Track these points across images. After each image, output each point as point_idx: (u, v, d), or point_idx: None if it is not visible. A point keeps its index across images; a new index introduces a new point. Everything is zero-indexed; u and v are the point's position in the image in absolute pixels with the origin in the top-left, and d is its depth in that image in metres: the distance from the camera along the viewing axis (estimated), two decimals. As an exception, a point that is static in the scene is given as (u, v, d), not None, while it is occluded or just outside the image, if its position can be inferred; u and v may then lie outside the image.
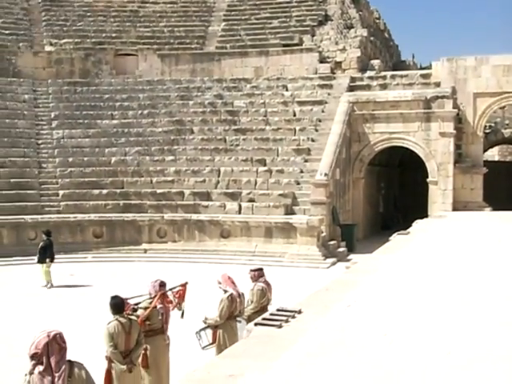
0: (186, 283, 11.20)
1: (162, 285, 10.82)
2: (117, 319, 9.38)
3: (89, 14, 43.72)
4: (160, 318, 10.56)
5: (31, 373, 6.21)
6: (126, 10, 44.27)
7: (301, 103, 35.55)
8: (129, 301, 10.35)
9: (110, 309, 9.60)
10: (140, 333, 9.68)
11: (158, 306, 10.52)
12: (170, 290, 10.97)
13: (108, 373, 9.28)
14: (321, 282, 14.93)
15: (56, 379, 6.10)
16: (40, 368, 6.14)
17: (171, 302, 10.90)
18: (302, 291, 16.19)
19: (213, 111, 36.62)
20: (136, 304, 10.43)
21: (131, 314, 10.03)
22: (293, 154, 32.83)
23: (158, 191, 32.17)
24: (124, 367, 9.31)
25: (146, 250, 29.84)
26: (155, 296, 10.52)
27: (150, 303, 10.44)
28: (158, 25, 43.12)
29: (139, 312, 10.28)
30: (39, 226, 28.52)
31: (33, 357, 6.17)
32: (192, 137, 35.17)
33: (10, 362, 13.40)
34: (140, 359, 10.00)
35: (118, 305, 9.61)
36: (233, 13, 43.78)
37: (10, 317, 18.06)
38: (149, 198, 32.02)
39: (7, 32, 41.32)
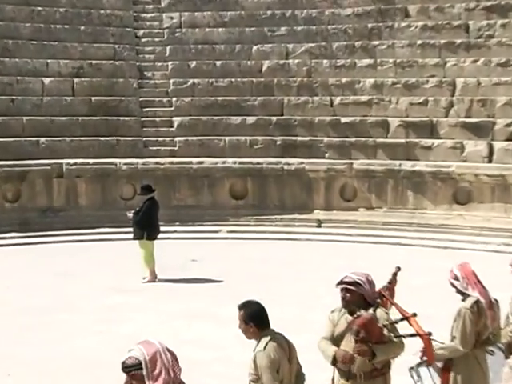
0: (398, 270, 7.94)
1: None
2: (270, 340, 6.82)
3: None
4: None
5: None
6: None
7: None
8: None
9: (251, 322, 6.86)
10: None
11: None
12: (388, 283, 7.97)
13: None
14: None
15: None
16: None
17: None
18: None
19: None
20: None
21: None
22: None
23: (343, 120, 25.64)
24: None
25: (319, 222, 24.42)
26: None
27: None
28: None
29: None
30: (138, 176, 24.14)
31: None
32: (406, 23, 26.52)
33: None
34: None
35: (261, 315, 6.90)
36: None
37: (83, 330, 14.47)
38: (326, 132, 25.68)
39: None
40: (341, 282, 7.11)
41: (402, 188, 23.57)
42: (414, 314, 7.36)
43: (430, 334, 7.84)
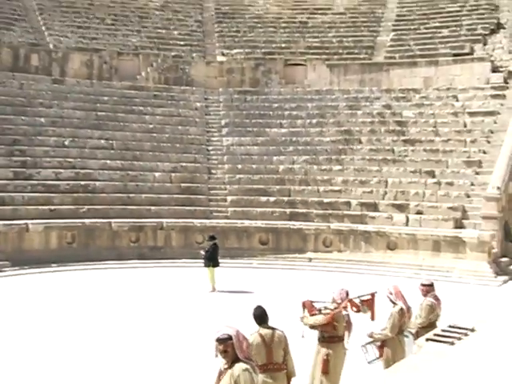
0: (375, 293, 11.08)
1: (347, 294, 10.93)
2: (258, 331, 9.13)
3: (259, 25, 42.79)
4: (344, 324, 10.67)
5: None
6: (296, 22, 43.52)
7: (472, 114, 33.63)
8: (314, 304, 10.56)
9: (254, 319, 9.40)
10: (287, 344, 9.26)
11: (344, 313, 10.65)
12: (359, 297, 10.96)
13: None
14: (492, 300, 14.19)
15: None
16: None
17: (358, 306, 10.90)
18: (472, 308, 15.94)
19: (381, 121, 35.09)
20: (319, 309, 10.52)
21: (316, 314, 10.37)
22: (463, 166, 31.32)
23: (325, 200, 31.82)
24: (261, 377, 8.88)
25: (310, 259, 29.61)
26: (341, 302, 10.61)
27: (336, 308, 10.49)
28: (326, 35, 41.32)
29: (325, 312, 10.46)
30: (207, 230, 28.89)
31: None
32: (360, 147, 33.97)
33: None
34: (321, 364, 10.23)
35: (260, 316, 9.31)
36: (402, 23, 41.88)
37: (177, 319, 18.35)
38: (315, 207, 31.69)
39: (182, 43, 41.56)
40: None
41: (358, 240, 29.54)
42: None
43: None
